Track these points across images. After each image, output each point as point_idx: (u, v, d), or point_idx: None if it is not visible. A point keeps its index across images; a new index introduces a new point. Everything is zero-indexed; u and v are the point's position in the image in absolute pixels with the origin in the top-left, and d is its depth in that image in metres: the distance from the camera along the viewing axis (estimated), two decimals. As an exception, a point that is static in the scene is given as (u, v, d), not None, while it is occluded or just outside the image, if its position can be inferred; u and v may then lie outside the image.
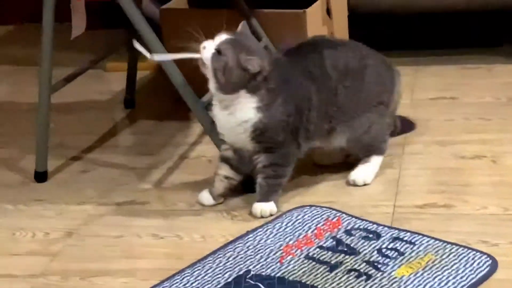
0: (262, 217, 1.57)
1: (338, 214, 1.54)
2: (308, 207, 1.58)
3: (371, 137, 1.68)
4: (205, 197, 1.65)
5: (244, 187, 1.67)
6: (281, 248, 1.44)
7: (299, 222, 1.52)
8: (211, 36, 2.09)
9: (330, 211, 1.55)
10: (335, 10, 2.17)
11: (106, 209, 1.68)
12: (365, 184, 1.67)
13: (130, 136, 2.09)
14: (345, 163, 1.75)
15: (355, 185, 1.67)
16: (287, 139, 1.59)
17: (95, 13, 1.98)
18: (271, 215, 1.58)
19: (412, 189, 1.64)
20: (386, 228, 1.48)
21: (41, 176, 1.82)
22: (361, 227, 1.49)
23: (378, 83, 1.68)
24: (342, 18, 2.25)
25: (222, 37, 1.56)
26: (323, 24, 2.11)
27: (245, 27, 1.62)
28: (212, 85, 1.56)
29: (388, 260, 1.37)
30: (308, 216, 1.54)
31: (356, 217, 1.53)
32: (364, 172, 1.68)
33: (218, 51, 1.55)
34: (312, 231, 1.49)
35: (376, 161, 1.70)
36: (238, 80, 1.54)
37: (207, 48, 1.56)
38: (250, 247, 1.45)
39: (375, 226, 1.49)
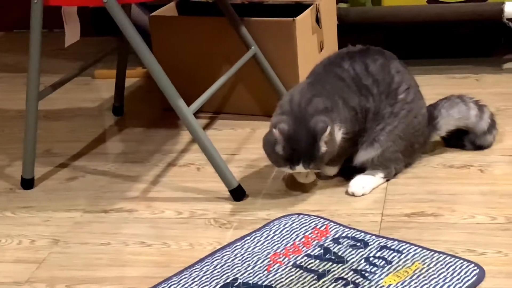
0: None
1: (326, 223, 1.54)
2: (296, 215, 1.58)
3: (386, 158, 1.69)
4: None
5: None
6: (268, 256, 1.43)
7: (287, 230, 1.52)
8: (201, 44, 2.11)
9: (318, 220, 1.55)
10: (324, 19, 2.17)
11: (94, 217, 1.67)
12: (363, 195, 1.67)
13: (119, 143, 2.09)
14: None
15: (353, 195, 1.66)
16: (362, 126, 1.66)
17: (85, 20, 1.98)
18: None
19: (400, 198, 1.64)
20: (373, 237, 1.48)
21: (27, 183, 1.82)
22: (349, 235, 1.49)
23: (416, 125, 1.71)
24: (331, 27, 2.26)
25: (296, 163, 1.58)
26: (313, 33, 2.11)
27: (281, 129, 1.58)
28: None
29: (375, 268, 1.37)
30: (296, 224, 1.54)
31: (344, 226, 1.53)
32: (363, 182, 1.67)
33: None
34: (300, 239, 1.48)
35: (379, 177, 1.69)
36: (334, 140, 1.61)
37: (303, 171, 1.61)
38: (237, 255, 1.44)
39: (362, 234, 1.49)
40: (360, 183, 1.67)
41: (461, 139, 1.82)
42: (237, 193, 1.68)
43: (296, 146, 1.56)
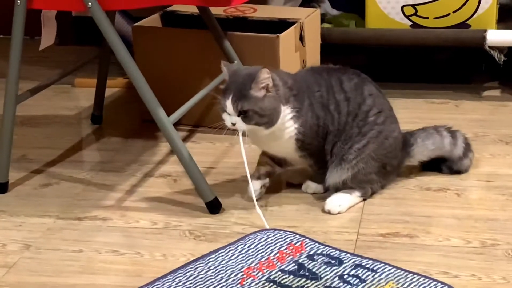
0: (314, 193, 1.74)
1: (301, 239, 1.53)
2: (272, 231, 1.57)
3: (359, 180, 1.69)
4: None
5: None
6: (242, 270, 1.42)
7: (262, 245, 1.51)
8: (184, 56, 2.10)
9: (293, 236, 1.54)
10: (308, 38, 2.18)
11: (67, 224, 1.65)
12: (339, 213, 1.66)
13: (96, 152, 2.07)
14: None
15: (329, 213, 1.66)
16: (321, 144, 1.67)
17: (67, 29, 1.97)
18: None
19: (376, 218, 1.64)
20: (348, 255, 1.47)
21: (1, 187, 1.79)
22: (324, 252, 1.48)
23: (387, 145, 1.70)
24: (315, 46, 2.27)
25: (227, 97, 1.57)
26: (296, 50, 2.12)
27: (227, 65, 1.63)
28: (264, 130, 1.60)
29: (349, 286, 1.37)
30: (271, 240, 1.53)
31: (319, 243, 1.52)
32: (340, 201, 1.67)
33: (242, 112, 1.57)
34: (274, 255, 1.47)
35: (355, 196, 1.69)
36: (275, 103, 1.58)
37: (237, 123, 1.58)
38: (211, 268, 1.43)
39: (337, 252, 1.48)
40: (337, 201, 1.67)
41: (438, 163, 1.83)
42: (213, 206, 1.67)
43: (233, 81, 1.59)
